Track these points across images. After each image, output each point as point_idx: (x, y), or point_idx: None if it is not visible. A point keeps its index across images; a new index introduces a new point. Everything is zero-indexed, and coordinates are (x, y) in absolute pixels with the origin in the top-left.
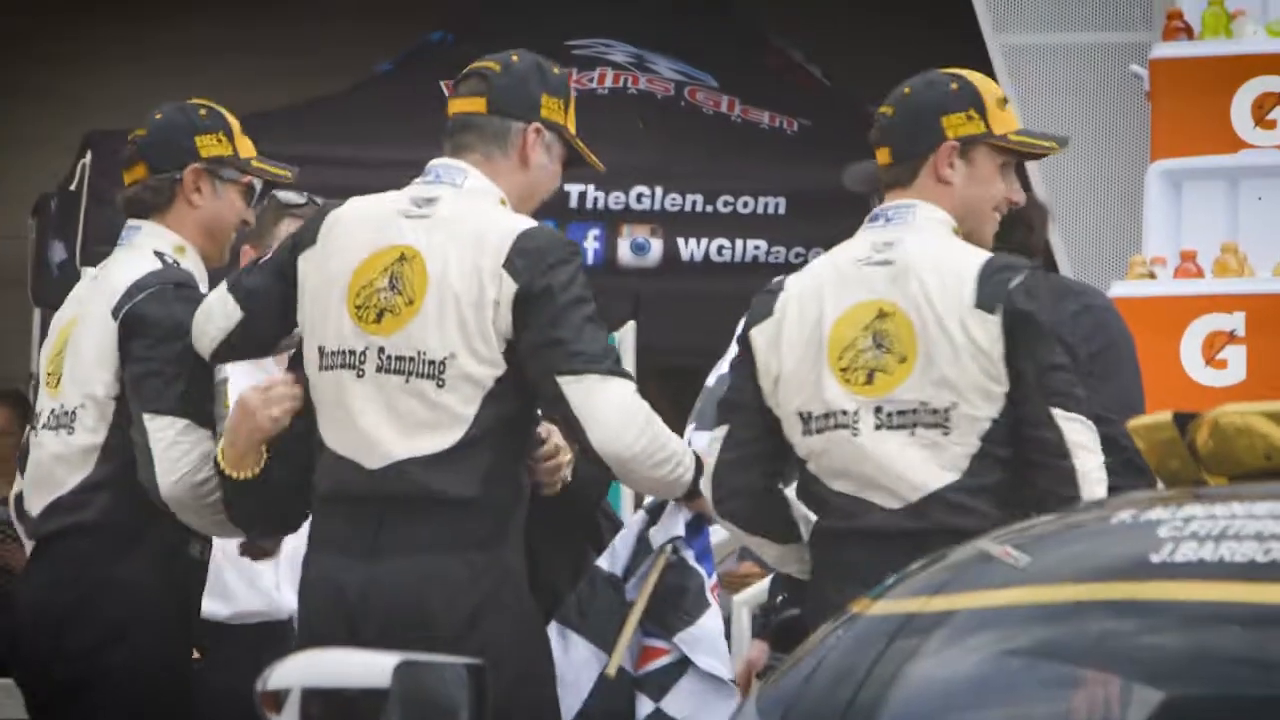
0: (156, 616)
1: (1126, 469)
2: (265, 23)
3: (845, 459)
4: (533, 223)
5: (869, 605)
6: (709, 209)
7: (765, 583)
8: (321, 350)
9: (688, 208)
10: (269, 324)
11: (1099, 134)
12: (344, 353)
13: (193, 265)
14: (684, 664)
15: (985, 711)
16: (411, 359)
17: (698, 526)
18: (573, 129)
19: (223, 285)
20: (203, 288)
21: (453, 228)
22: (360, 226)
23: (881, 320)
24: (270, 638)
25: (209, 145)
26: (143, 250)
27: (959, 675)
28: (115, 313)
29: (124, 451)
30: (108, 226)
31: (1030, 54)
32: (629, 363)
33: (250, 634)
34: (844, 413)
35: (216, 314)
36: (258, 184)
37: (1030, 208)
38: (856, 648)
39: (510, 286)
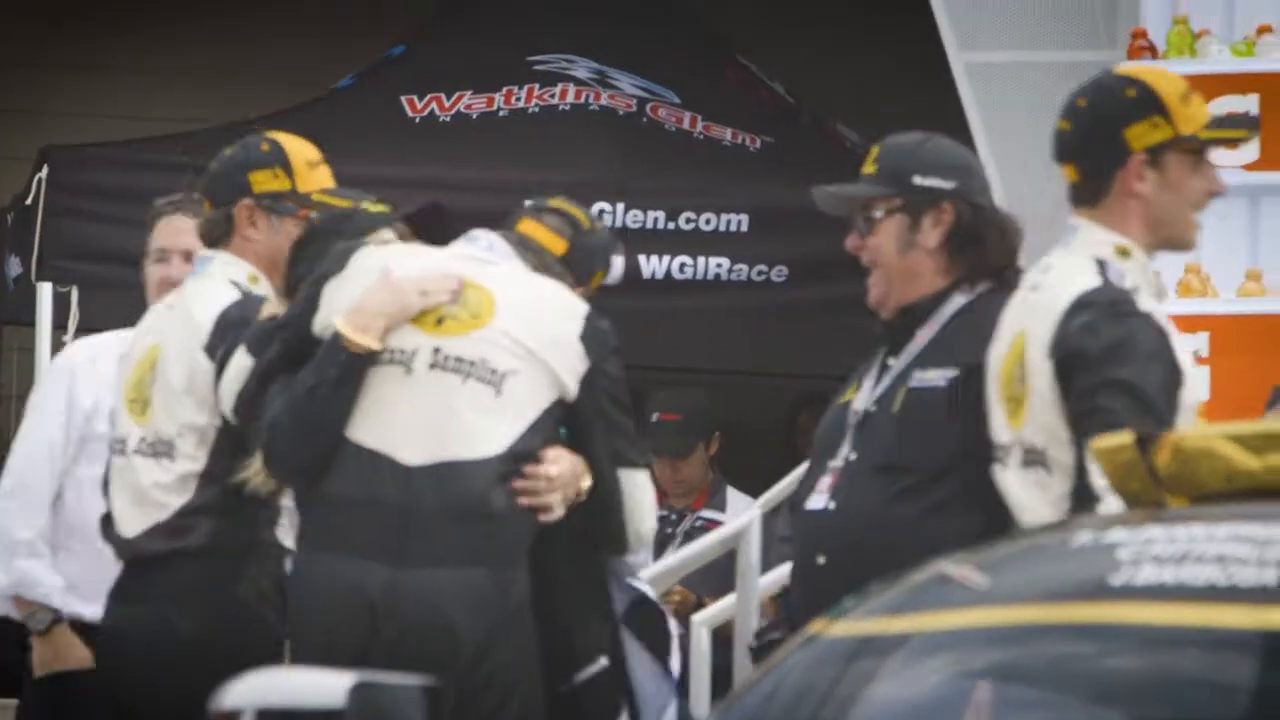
0: (275, 638)
1: None
2: (227, 41)
3: (1002, 493)
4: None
5: (828, 626)
6: (670, 226)
7: (725, 602)
8: None
9: (649, 224)
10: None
11: None
12: (391, 350)
13: (266, 293)
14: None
15: None
16: (472, 363)
17: None
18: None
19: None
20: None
21: (516, 281)
22: (407, 262)
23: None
24: None
25: (263, 180)
26: (218, 280)
27: (918, 697)
28: (210, 350)
29: (225, 477)
30: (64, 241)
31: (994, 72)
32: None
33: None
34: (1000, 447)
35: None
36: (315, 217)
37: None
38: (815, 669)
39: (584, 362)
